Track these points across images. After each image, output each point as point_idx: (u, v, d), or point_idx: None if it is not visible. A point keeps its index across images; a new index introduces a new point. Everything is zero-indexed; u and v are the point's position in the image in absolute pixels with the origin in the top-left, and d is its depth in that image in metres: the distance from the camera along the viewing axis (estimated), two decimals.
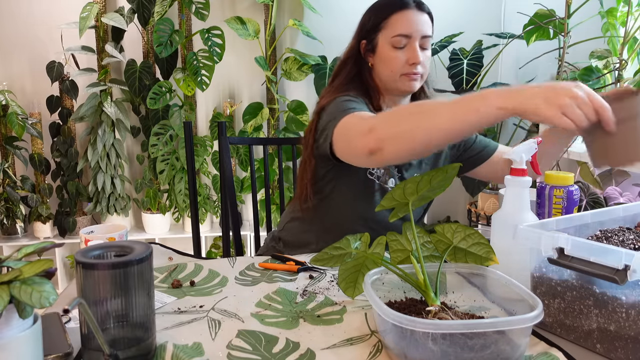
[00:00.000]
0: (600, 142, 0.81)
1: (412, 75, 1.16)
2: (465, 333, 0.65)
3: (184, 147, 1.88)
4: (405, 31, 1.14)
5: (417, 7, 1.16)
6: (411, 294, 0.84)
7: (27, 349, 0.60)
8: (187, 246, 2.49)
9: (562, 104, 0.72)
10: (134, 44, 2.62)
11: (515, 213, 0.91)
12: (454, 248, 0.84)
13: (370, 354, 0.73)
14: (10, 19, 2.55)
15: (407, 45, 1.15)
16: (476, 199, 2.53)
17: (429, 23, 1.18)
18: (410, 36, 1.15)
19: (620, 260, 0.67)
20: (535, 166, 1.00)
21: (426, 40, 1.17)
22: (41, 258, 0.64)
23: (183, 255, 1.18)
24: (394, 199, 0.81)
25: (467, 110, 0.81)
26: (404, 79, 1.17)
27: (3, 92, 2.43)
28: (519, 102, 0.76)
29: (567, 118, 0.72)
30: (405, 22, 1.15)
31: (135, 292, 0.68)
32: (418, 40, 1.15)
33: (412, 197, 0.79)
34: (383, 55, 1.18)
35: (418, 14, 1.16)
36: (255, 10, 2.66)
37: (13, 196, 2.45)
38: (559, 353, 0.73)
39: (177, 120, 2.46)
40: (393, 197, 0.80)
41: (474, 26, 2.73)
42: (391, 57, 1.16)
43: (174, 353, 0.72)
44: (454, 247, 0.84)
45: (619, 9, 2.13)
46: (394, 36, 1.15)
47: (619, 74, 1.95)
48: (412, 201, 0.81)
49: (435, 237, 0.85)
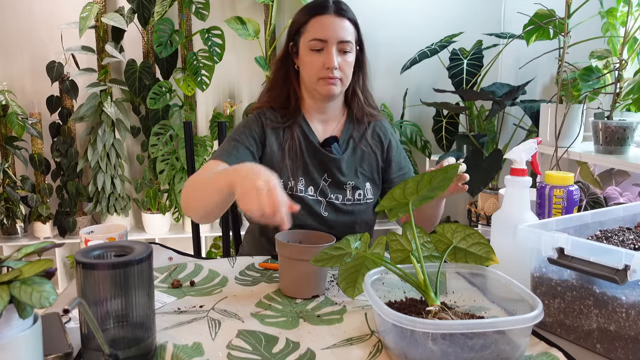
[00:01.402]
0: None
1: (328, 80, 1.17)
2: (465, 333, 0.65)
3: (184, 147, 1.88)
4: (320, 35, 1.16)
5: (335, 13, 1.17)
6: (411, 294, 0.84)
7: (27, 349, 0.60)
8: (187, 246, 2.49)
9: (245, 190, 0.83)
10: (134, 44, 2.62)
11: (515, 213, 0.91)
12: (454, 248, 0.84)
13: (370, 354, 0.73)
14: (10, 18, 2.55)
15: (324, 49, 1.17)
16: (476, 199, 2.53)
17: (350, 29, 1.19)
18: (327, 40, 1.16)
19: (620, 260, 0.67)
20: (535, 166, 1.01)
21: (345, 45, 1.17)
22: (41, 258, 0.64)
23: (183, 255, 1.18)
24: (394, 198, 0.81)
25: (219, 181, 0.93)
26: (321, 83, 1.18)
27: (3, 92, 2.43)
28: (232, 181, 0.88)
29: (249, 204, 0.81)
30: (321, 27, 1.16)
31: (135, 292, 0.68)
32: (335, 45, 1.16)
33: (412, 197, 0.80)
34: (303, 58, 1.20)
35: (336, 20, 1.17)
36: (255, 10, 2.66)
37: (13, 196, 2.45)
38: (559, 353, 0.73)
39: (177, 120, 2.46)
40: (393, 197, 0.80)
41: (474, 26, 2.73)
42: (308, 60, 1.18)
43: (174, 353, 0.71)
44: (454, 247, 0.84)
45: (619, 9, 2.13)
46: (311, 40, 1.17)
47: (619, 74, 1.94)
48: (412, 201, 0.81)
49: (435, 237, 0.85)
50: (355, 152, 1.28)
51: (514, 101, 2.40)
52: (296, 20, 1.23)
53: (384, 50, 2.74)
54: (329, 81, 1.18)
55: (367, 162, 1.29)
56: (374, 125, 1.33)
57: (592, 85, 1.90)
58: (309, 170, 1.25)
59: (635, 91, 1.83)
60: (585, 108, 2.10)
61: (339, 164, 1.25)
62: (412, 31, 2.77)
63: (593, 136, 1.98)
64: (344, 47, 1.17)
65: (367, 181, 1.28)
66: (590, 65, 1.94)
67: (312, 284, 0.93)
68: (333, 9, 1.18)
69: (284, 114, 1.26)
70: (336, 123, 1.31)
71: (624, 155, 1.89)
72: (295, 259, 0.92)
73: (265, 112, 1.27)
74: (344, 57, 1.18)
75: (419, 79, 2.79)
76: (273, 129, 1.25)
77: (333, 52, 1.16)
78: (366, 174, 1.28)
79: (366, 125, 1.31)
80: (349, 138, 1.29)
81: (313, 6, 1.20)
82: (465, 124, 2.66)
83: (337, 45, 1.17)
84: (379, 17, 2.73)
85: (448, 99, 2.57)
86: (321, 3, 1.19)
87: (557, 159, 2.07)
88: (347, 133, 1.29)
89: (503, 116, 2.64)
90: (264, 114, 1.27)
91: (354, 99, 1.30)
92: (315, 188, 1.24)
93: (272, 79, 1.30)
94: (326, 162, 1.25)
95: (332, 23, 1.17)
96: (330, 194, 1.25)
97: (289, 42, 1.25)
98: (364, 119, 1.31)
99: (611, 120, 1.93)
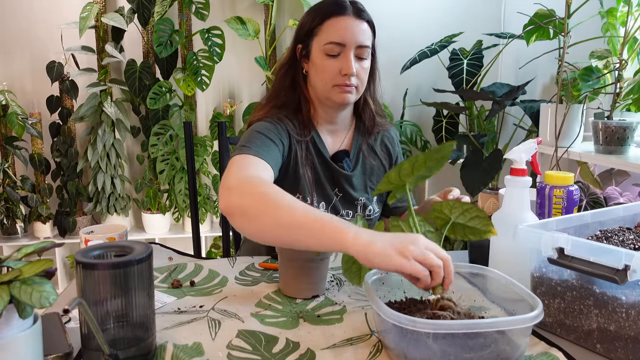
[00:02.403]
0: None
1: (344, 87, 1.08)
2: (465, 333, 0.65)
3: (184, 147, 1.88)
4: (339, 39, 1.06)
5: (354, 15, 1.08)
6: (411, 294, 0.84)
7: (27, 349, 0.60)
8: (187, 246, 2.49)
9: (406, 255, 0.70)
10: (134, 44, 2.62)
11: (515, 213, 0.91)
12: (452, 224, 0.83)
13: (370, 354, 0.73)
14: (10, 18, 2.55)
15: (341, 54, 1.07)
16: (476, 199, 2.53)
17: (368, 33, 1.10)
18: (345, 45, 1.06)
19: (620, 260, 0.67)
20: (535, 166, 1.01)
21: (363, 50, 1.08)
22: (41, 258, 0.64)
23: (183, 255, 1.18)
24: (390, 182, 0.80)
25: (328, 240, 0.75)
26: (336, 90, 1.09)
27: (3, 92, 2.43)
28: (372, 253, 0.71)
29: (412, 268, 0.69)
30: (339, 30, 1.06)
31: (135, 292, 0.68)
32: (353, 50, 1.07)
33: (408, 178, 0.79)
34: (316, 63, 1.10)
35: (355, 22, 1.07)
36: (255, 10, 2.66)
37: (13, 196, 2.45)
38: (559, 353, 0.73)
39: (177, 120, 2.46)
40: (389, 180, 0.80)
41: (474, 26, 2.73)
42: (323, 65, 1.08)
43: (174, 353, 0.71)
44: (453, 222, 0.83)
45: (619, 9, 2.13)
46: (326, 43, 1.07)
47: (619, 74, 1.94)
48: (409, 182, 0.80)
49: (433, 214, 0.85)
50: (364, 167, 1.23)
51: (514, 101, 2.40)
52: (307, 20, 1.12)
53: (383, 50, 2.72)
54: (344, 89, 1.08)
55: (376, 175, 1.24)
56: (382, 136, 1.27)
57: (592, 85, 1.90)
58: (322, 184, 1.18)
59: (635, 91, 1.83)
60: (585, 108, 2.10)
61: (350, 180, 1.20)
62: (412, 31, 2.77)
63: (593, 136, 1.98)
64: (362, 52, 1.08)
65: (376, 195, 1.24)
66: (590, 65, 1.94)
67: (312, 284, 0.93)
68: (352, 9, 1.08)
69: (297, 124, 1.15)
70: (345, 134, 1.23)
71: (624, 155, 1.89)
72: (295, 259, 0.92)
73: (282, 119, 1.14)
74: (361, 63, 1.09)
75: (419, 79, 2.79)
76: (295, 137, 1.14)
77: (351, 57, 1.07)
78: (373, 186, 1.24)
79: (375, 135, 1.25)
80: (358, 152, 1.22)
81: (329, 6, 1.09)
82: (465, 124, 2.66)
83: (355, 50, 1.07)
84: (379, 17, 2.72)
85: (448, 99, 2.57)
86: (339, 2, 1.08)
87: (557, 159, 2.07)
88: (357, 146, 1.23)
89: (503, 116, 2.64)
90: (282, 121, 1.14)
91: (366, 109, 1.21)
92: (327, 203, 1.19)
93: (278, 86, 1.18)
94: (337, 177, 1.19)
95: (351, 26, 1.07)
96: (342, 210, 1.20)
97: (296, 44, 1.14)
98: (374, 129, 1.23)
99: (611, 120, 1.93)
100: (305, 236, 0.77)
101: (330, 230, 0.74)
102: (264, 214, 0.81)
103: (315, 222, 0.76)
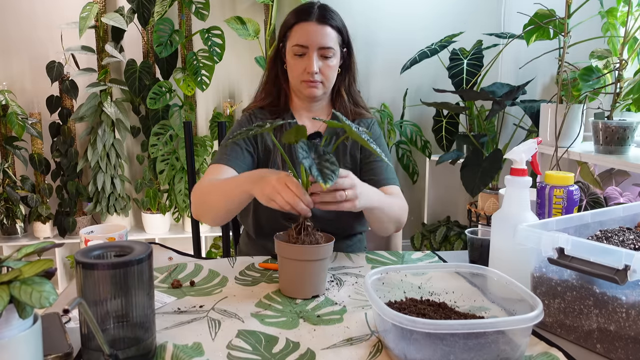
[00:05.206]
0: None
1: (309, 83, 1.23)
2: (465, 333, 0.65)
3: (184, 147, 1.88)
4: (302, 42, 1.21)
5: (317, 20, 1.21)
6: (411, 294, 0.84)
7: (27, 349, 0.60)
8: (187, 246, 2.48)
9: (267, 192, 0.95)
10: (134, 44, 2.62)
11: (515, 213, 0.91)
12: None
13: (370, 354, 0.73)
14: (10, 19, 2.55)
15: (305, 54, 1.22)
16: (476, 199, 2.53)
17: (332, 34, 1.23)
18: (308, 47, 1.21)
19: (620, 260, 0.67)
20: (535, 166, 1.00)
21: (327, 50, 1.22)
22: (41, 258, 0.64)
23: (183, 255, 1.18)
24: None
25: (237, 189, 1.06)
26: (304, 85, 1.24)
27: (3, 92, 2.43)
28: (251, 188, 1.00)
29: (274, 202, 0.93)
30: (303, 34, 1.21)
31: (135, 292, 0.68)
32: (316, 51, 1.21)
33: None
34: (288, 62, 1.26)
35: (318, 27, 1.21)
36: (255, 10, 2.66)
37: (13, 196, 2.45)
38: (559, 353, 0.73)
39: (177, 120, 2.46)
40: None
41: (474, 26, 2.73)
42: (292, 64, 1.24)
43: (174, 353, 0.71)
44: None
45: (619, 9, 2.13)
46: (293, 45, 1.22)
47: (619, 73, 1.94)
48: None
49: None
50: (339, 147, 1.32)
51: (514, 101, 2.40)
52: (284, 24, 1.27)
53: (383, 50, 2.74)
54: (310, 84, 1.23)
55: (351, 154, 1.32)
56: (359, 122, 1.36)
57: (592, 85, 1.90)
58: (296, 163, 1.27)
59: (635, 91, 1.83)
60: (585, 108, 2.10)
61: None
62: (412, 31, 2.77)
63: (593, 136, 1.98)
64: (325, 52, 1.22)
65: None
66: (590, 65, 1.94)
67: (312, 284, 0.93)
68: (316, 15, 1.22)
69: (274, 112, 1.32)
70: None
71: (624, 155, 1.89)
72: (295, 259, 0.92)
73: (255, 113, 1.33)
74: (326, 61, 1.23)
75: (419, 79, 2.79)
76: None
77: (313, 57, 1.21)
78: (348, 167, 1.31)
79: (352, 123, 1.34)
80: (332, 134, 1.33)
81: (298, 12, 1.24)
82: (465, 124, 2.66)
83: (317, 51, 1.21)
84: (379, 17, 2.73)
85: (448, 99, 2.57)
86: (305, 9, 1.23)
87: (557, 159, 2.07)
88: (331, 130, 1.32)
89: (503, 116, 2.64)
90: (254, 114, 1.33)
91: (338, 99, 1.34)
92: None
93: (265, 78, 1.36)
94: None
95: (313, 30, 1.21)
96: None
97: (279, 43, 1.29)
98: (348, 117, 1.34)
99: (611, 120, 1.93)
100: (232, 194, 1.07)
101: (242, 182, 1.05)
102: (210, 203, 1.14)
103: (230, 183, 1.10)
